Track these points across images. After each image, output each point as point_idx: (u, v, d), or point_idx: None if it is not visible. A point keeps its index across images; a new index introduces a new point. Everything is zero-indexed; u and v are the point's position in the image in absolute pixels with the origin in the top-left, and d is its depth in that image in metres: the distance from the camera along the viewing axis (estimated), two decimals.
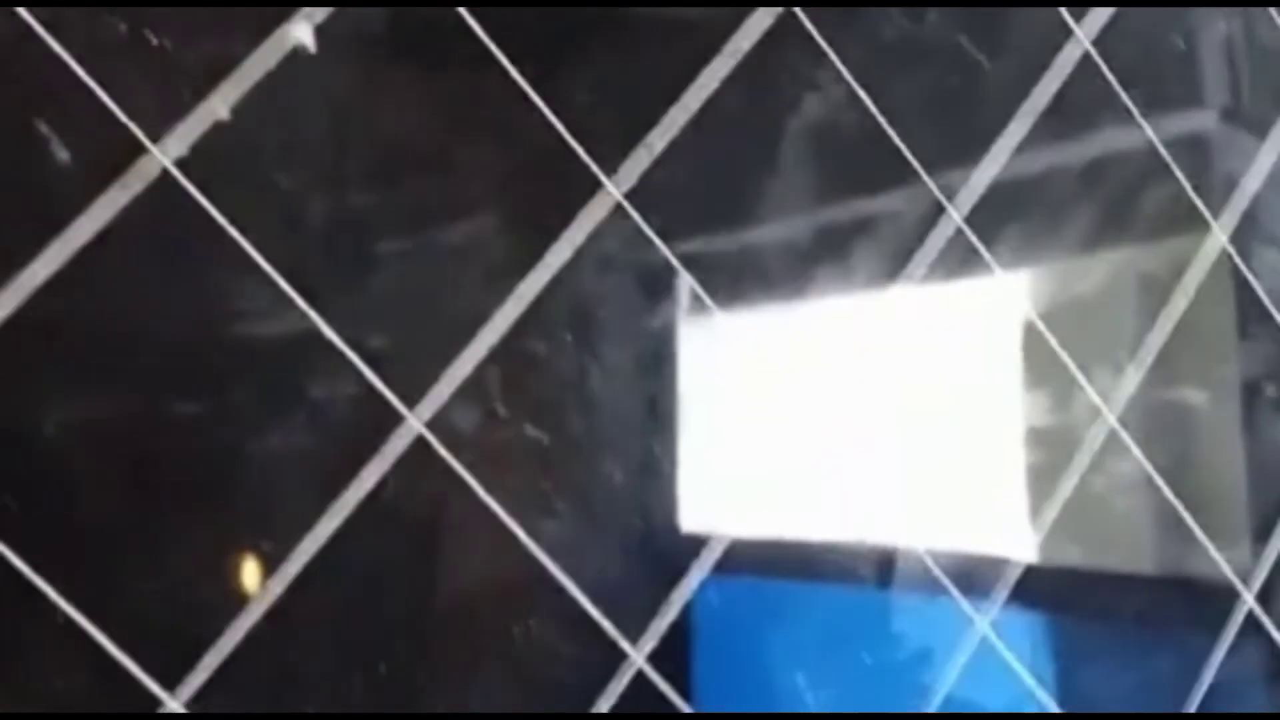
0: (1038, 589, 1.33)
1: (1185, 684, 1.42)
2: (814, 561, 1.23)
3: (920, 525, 1.28)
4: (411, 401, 1.04)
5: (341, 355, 1.02)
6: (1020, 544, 1.35)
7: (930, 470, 1.30)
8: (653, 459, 1.15)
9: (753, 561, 1.19)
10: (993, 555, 1.32)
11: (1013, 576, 1.31)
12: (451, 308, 1.07)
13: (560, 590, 1.09)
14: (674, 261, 1.16)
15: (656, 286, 1.17)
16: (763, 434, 1.21)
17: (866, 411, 1.26)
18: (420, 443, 1.04)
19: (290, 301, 0.99)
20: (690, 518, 1.16)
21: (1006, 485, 1.36)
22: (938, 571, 1.27)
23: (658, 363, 1.16)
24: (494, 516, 1.07)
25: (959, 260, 1.31)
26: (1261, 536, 1.50)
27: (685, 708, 1.13)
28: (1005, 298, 1.35)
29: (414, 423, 1.04)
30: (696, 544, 1.16)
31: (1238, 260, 1.50)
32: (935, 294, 1.30)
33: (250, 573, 0.96)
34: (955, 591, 1.28)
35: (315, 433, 1.00)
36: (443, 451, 1.05)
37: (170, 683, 0.93)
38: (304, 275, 1.00)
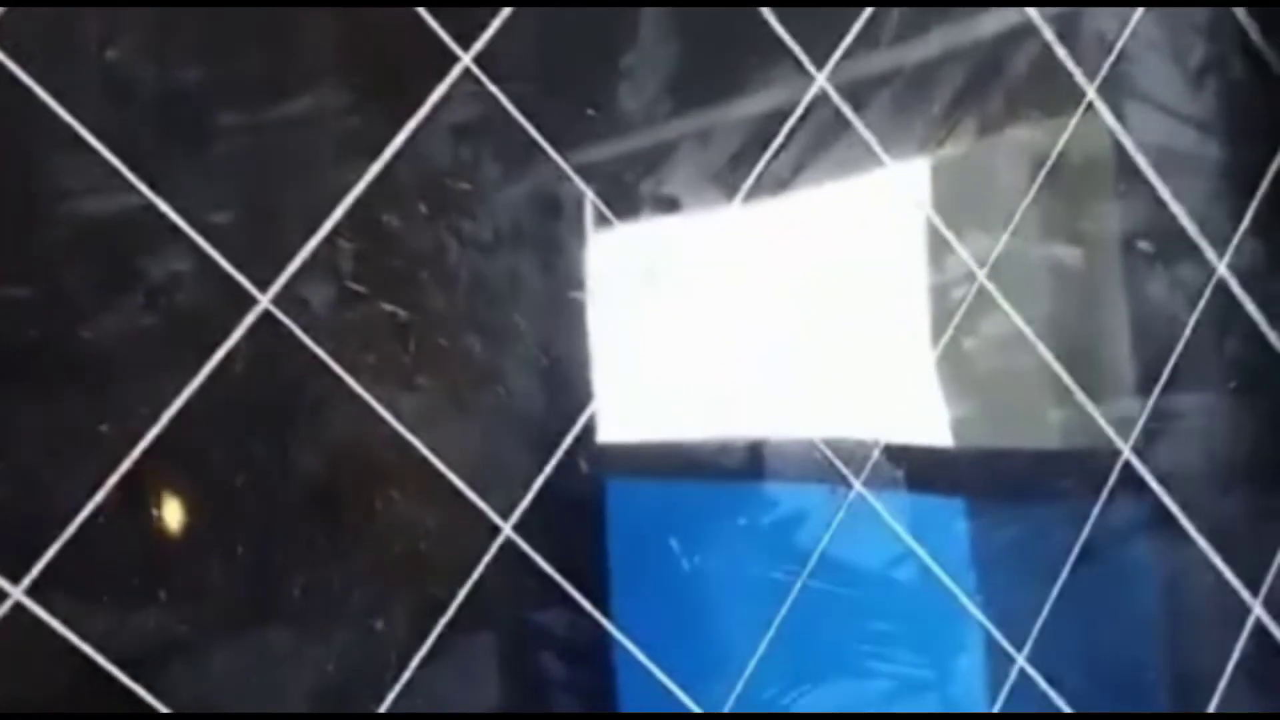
0: (914, 454, 1.35)
1: (1066, 539, 1.45)
2: (689, 445, 1.24)
3: (800, 407, 1.29)
4: (260, 280, 1.02)
5: (182, 234, 0.98)
6: (901, 410, 1.37)
7: (811, 353, 1.31)
8: (517, 333, 1.14)
9: (627, 438, 1.19)
10: (873, 425, 1.33)
11: (890, 441, 1.33)
12: (299, 182, 1.04)
13: (424, 463, 1.08)
14: (532, 132, 1.14)
15: (514, 157, 1.14)
16: (633, 312, 1.20)
17: (742, 302, 1.26)
18: (270, 321, 1.01)
19: (123, 178, 0.96)
20: (559, 389, 1.16)
21: (887, 359, 1.37)
22: (820, 447, 1.28)
23: (518, 235, 1.14)
24: (351, 393, 1.05)
25: (837, 145, 1.31)
26: (1141, 391, 1.53)
27: (556, 575, 1.13)
28: (887, 180, 1.35)
29: (263, 301, 1.01)
30: (566, 416, 1.15)
31: (1109, 119, 1.51)
32: (814, 180, 1.30)
33: (94, 458, 0.94)
34: (835, 461, 1.29)
35: (158, 314, 0.97)
36: (295, 329, 1.03)
37: (15, 571, 0.91)
38: (137, 150, 0.97)
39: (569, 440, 1.15)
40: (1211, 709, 1.54)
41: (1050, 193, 1.45)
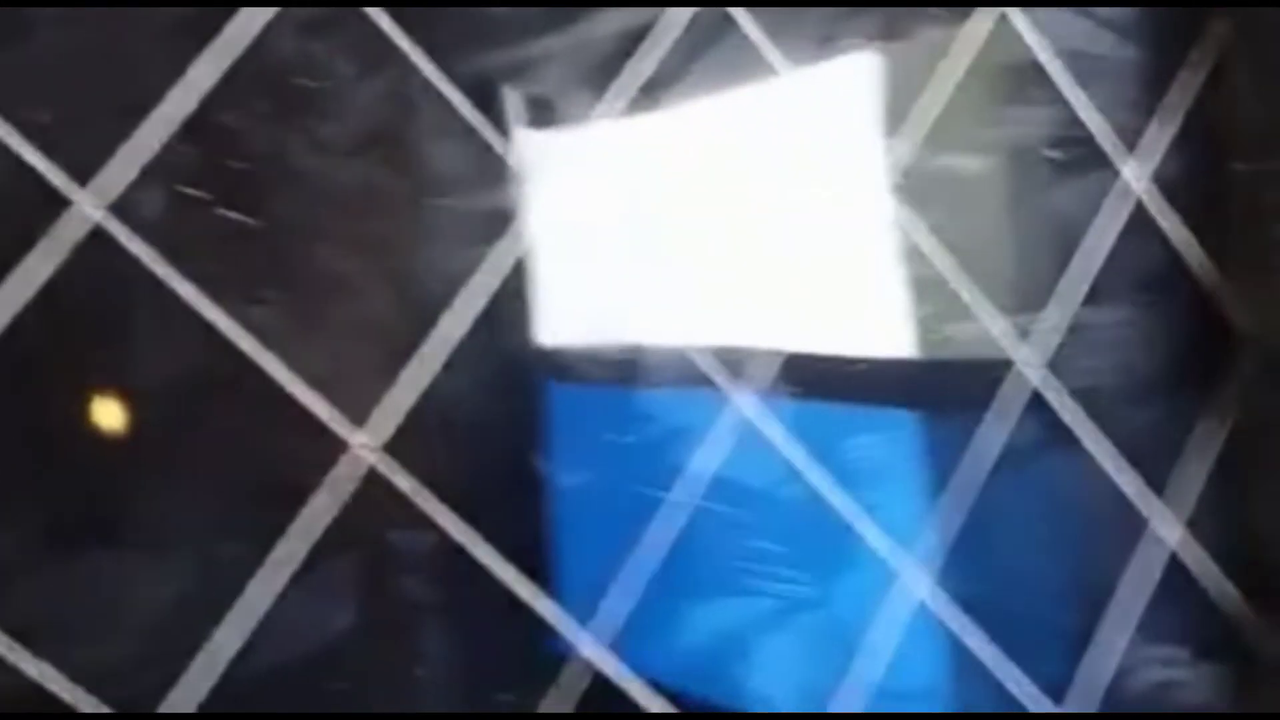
0: (802, 372, 1.31)
1: (956, 453, 1.42)
2: (560, 353, 1.19)
3: (685, 315, 1.24)
4: (83, 183, 0.95)
5: None
6: (796, 320, 1.32)
7: (698, 260, 1.26)
8: (376, 240, 1.08)
9: (492, 347, 1.14)
10: (759, 344, 1.28)
11: (776, 362, 1.29)
12: (126, 77, 0.97)
13: (270, 380, 1.03)
14: (388, 28, 1.07)
15: (373, 54, 1.07)
16: (496, 219, 1.14)
17: (620, 208, 1.20)
18: (95, 229, 0.95)
19: None
20: (417, 301, 1.10)
21: (782, 268, 1.32)
22: (699, 363, 1.23)
23: (375, 139, 1.08)
24: (188, 307, 0.99)
25: (723, 46, 1.24)
26: (1037, 306, 1.49)
27: (415, 496, 1.08)
28: (780, 86, 1.28)
29: (86, 207, 0.95)
30: (424, 327, 1.10)
31: (1021, 21, 1.44)
32: (698, 83, 1.24)
33: None
34: (718, 379, 1.25)
35: None
36: (122, 239, 0.96)
37: None
38: None
39: (427, 352, 1.09)
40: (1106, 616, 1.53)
41: (957, 99, 1.40)
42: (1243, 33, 1.60)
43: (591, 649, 1.15)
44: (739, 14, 1.24)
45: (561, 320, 1.18)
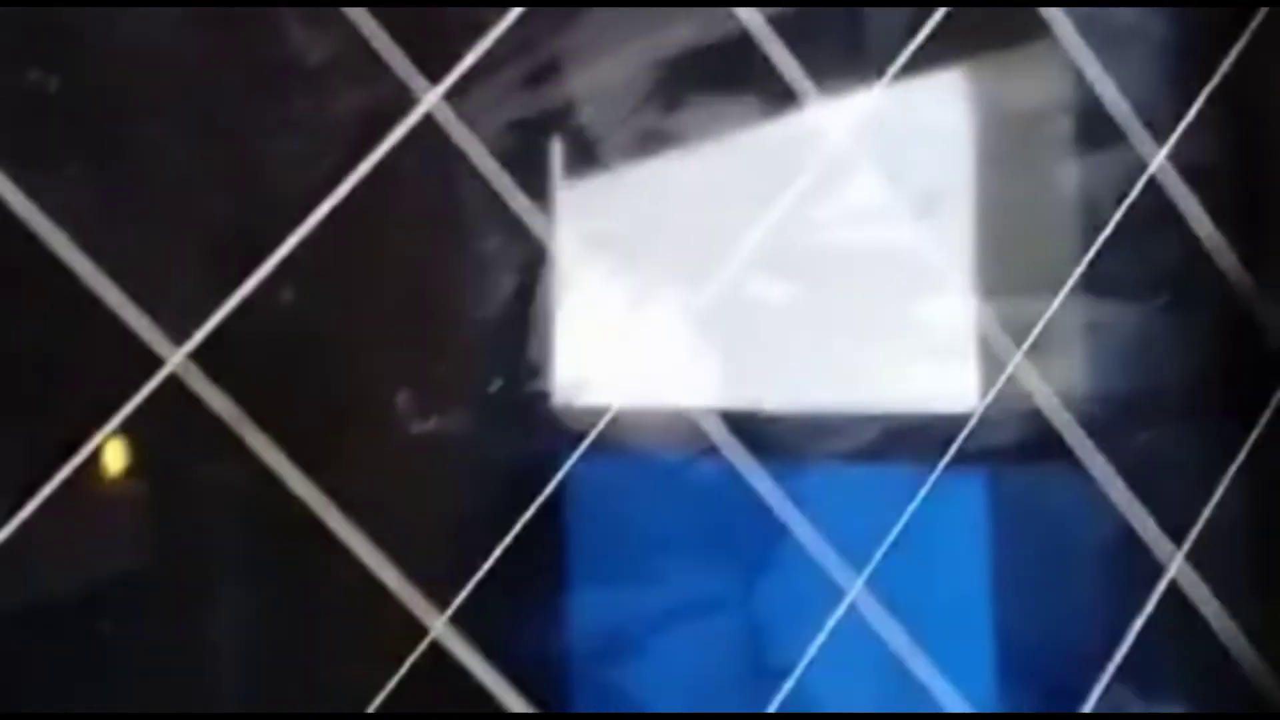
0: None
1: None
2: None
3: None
4: None
5: None
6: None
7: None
8: (214, 121, 0.95)
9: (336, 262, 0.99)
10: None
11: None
12: None
13: (70, 274, 0.89)
14: None
15: None
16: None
17: None
18: None
19: None
20: (259, 207, 0.96)
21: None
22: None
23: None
24: None
25: None
26: (1044, 290, 1.29)
27: (228, 418, 0.93)
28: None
29: None
30: (263, 238, 0.96)
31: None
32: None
33: None
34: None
35: None
36: None
37: None
38: None
39: (265, 265, 0.95)
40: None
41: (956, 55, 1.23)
42: None
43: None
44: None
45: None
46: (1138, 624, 1.30)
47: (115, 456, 0.90)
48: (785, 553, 1.12)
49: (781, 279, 1.16)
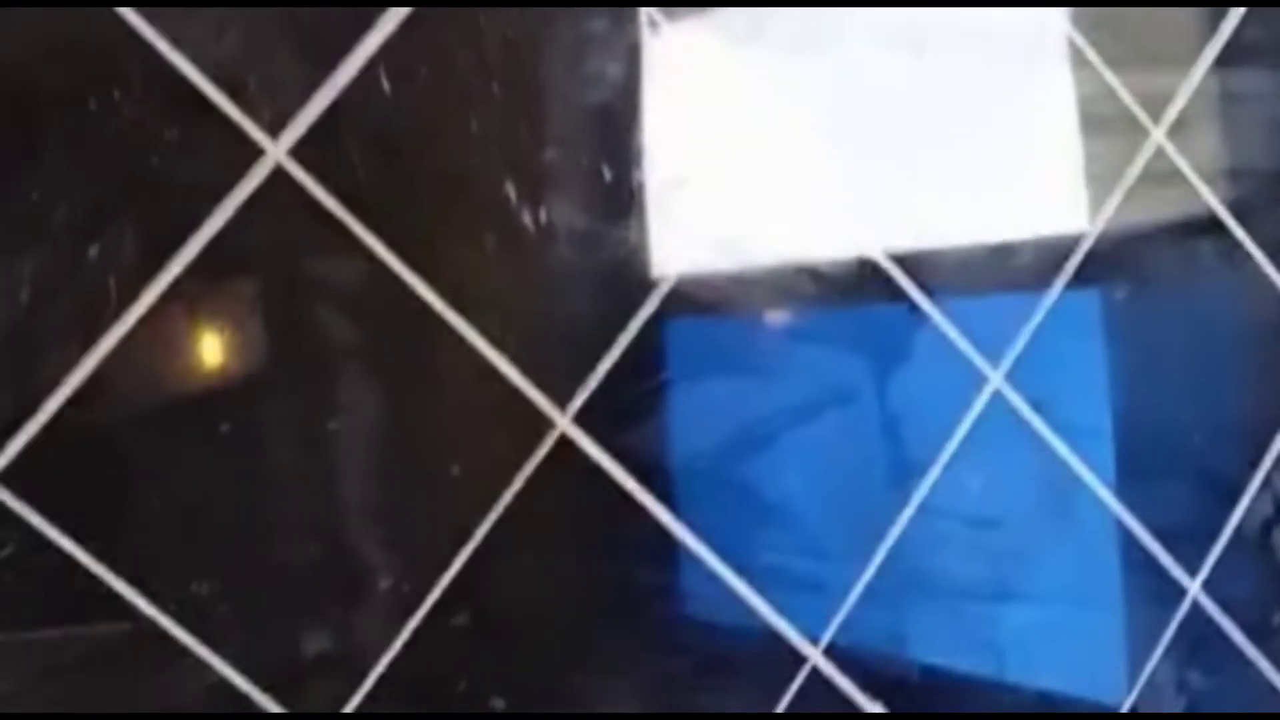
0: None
1: None
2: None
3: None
4: None
5: None
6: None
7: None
8: None
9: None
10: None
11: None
12: None
13: (160, 60, 0.86)
14: None
15: None
16: None
17: None
18: None
19: None
20: None
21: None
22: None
23: None
24: None
25: None
26: None
27: (334, 205, 0.90)
28: None
29: None
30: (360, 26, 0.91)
31: None
32: None
33: None
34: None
35: None
36: None
37: None
38: None
39: (360, 53, 0.91)
40: None
41: None
42: None
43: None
44: None
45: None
46: None
47: (223, 252, 0.88)
48: (921, 343, 1.07)
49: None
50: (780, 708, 1.04)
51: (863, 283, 1.06)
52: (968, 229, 1.10)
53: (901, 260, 1.06)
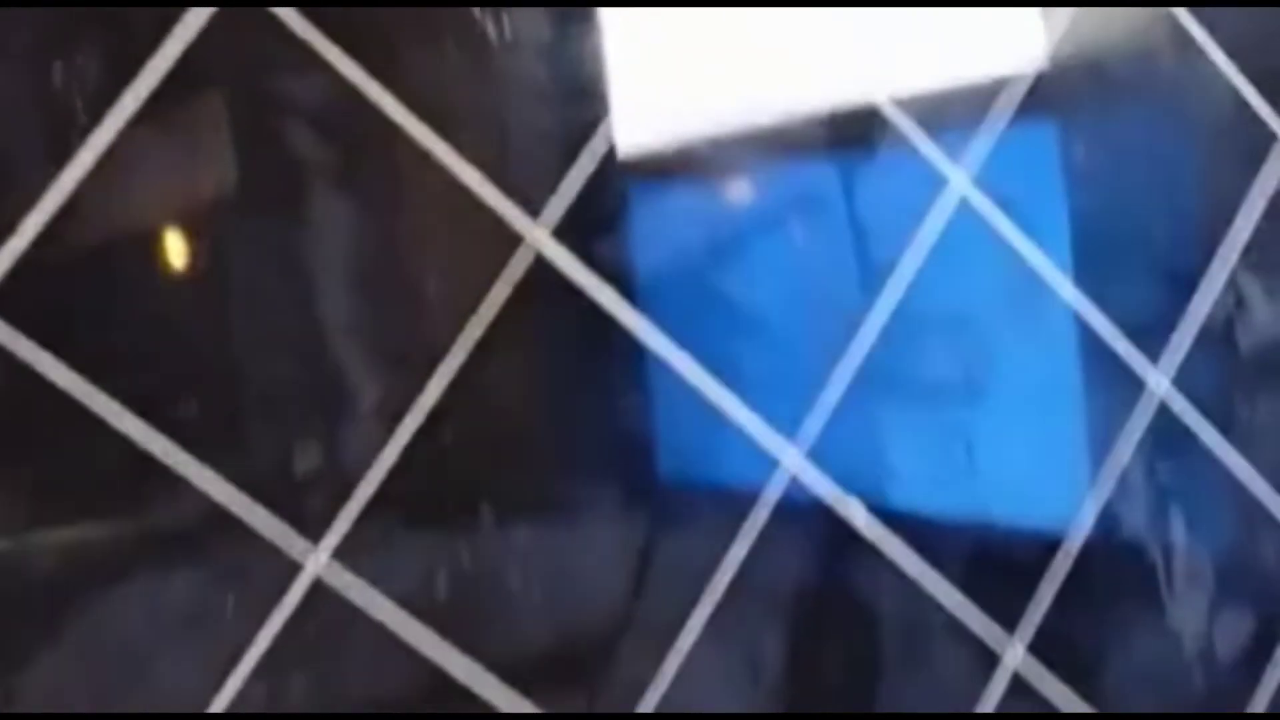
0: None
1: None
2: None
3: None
4: None
5: None
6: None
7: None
8: None
9: None
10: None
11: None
12: None
13: None
14: None
15: None
16: None
17: None
18: None
19: None
20: None
21: None
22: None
23: None
24: None
25: None
26: None
27: (297, 21, 0.90)
28: None
29: None
30: None
31: None
32: None
33: None
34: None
35: None
36: None
37: None
38: None
39: None
40: None
41: None
42: None
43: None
44: None
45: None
46: (1256, 200, 1.25)
47: (187, 72, 0.88)
48: (883, 146, 1.08)
49: None
50: (760, 507, 1.07)
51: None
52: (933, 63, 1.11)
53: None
